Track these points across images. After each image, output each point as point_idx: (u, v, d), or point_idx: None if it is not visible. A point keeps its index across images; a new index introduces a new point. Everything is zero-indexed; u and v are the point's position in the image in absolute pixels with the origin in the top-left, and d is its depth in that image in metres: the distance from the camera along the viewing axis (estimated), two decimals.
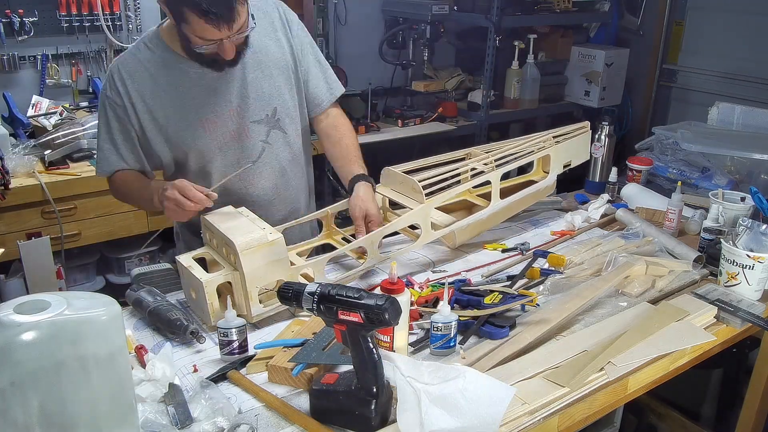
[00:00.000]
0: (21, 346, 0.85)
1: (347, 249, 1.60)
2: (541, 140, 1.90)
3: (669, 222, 1.94)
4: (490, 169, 1.76)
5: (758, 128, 2.61)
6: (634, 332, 1.38)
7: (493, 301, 1.43)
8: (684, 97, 3.83)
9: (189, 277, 1.44)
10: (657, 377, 1.36)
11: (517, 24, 3.57)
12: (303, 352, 1.27)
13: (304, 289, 1.12)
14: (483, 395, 1.09)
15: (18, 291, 2.47)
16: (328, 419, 1.14)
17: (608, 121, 2.25)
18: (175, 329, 1.38)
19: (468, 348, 1.35)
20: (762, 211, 1.74)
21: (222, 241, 1.44)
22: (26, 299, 0.92)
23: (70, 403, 0.90)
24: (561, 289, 1.57)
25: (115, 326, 0.95)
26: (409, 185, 1.66)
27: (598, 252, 1.73)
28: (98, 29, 2.93)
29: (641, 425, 2.25)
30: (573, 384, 1.22)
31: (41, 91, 2.89)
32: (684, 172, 2.42)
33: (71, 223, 2.53)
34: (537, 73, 3.65)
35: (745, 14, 3.43)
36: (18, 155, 2.47)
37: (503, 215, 1.88)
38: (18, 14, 2.74)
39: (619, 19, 3.97)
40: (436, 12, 3.25)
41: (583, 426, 1.26)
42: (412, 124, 3.33)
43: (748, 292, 1.58)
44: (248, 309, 1.41)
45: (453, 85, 3.65)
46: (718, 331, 1.47)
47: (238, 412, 1.16)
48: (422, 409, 1.07)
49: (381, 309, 1.05)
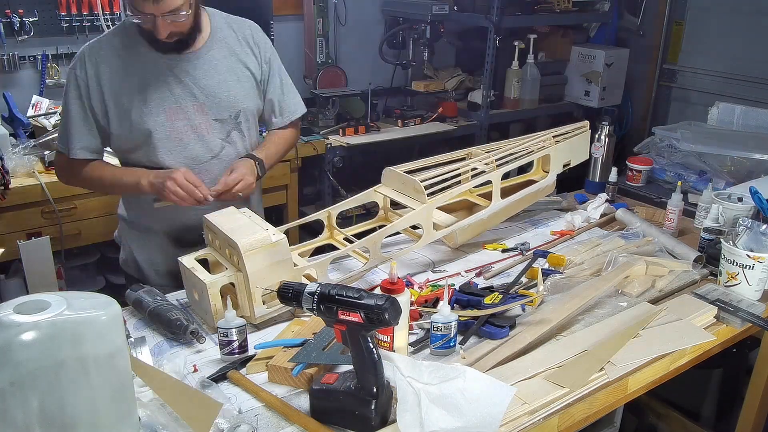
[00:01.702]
0: (21, 346, 0.85)
1: (349, 249, 1.60)
2: (541, 140, 1.90)
3: (669, 222, 1.94)
4: (491, 169, 1.76)
5: (758, 128, 2.61)
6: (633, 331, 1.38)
7: (493, 301, 1.43)
8: (684, 97, 3.83)
9: (192, 279, 1.44)
10: (657, 377, 1.36)
11: (517, 24, 3.56)
12: (303, 352, 1.27)
13: (304, 289, 1.12)
14: (483, 395, 1.09)
15: (18, 291, 2.47)
16: (328, 419, 1.14)
17: (608, 121, 2.25)
18: (175, 329, 1.38)
19: (468, 348, 1.35)
20: (762, 211, 1.74)
21: (225, 242, 1.43)
22: (26, 299, 0.92)
23: (70, 403, 0.90)
24: (561, 289, 1.57)
25: (115, 326, 0.95)
26: (411, 185, 1.66)
27: (598, 252, 1.73)
28: (98, 29, 2.92)
29: (641, 425, 2.25)
30: (573, 384, 1.22)
31: (41, 91, 2.88)
32: (681, 174, 2.43)
33: (71, 223, 2.53)
34: (537, 73, 3.65)
35: (745, 14, 3.42)
36: (18, 155, 2.47)
37: (504, 215, 1.88)
38: (18, 14, 2.74)
39: (619, 19, 3.97)
40: (436, 12, 3.25)
41: (583, 426, 1.27)
42: (412, 124, 3.33)
43: (748, 292, 1.58)
44: (251, 310, 1.41)
45: (453, 85, 3.65)
46: (718, 331, 1.47)
47: (238, 412, 1.16)
48: (422, 409, 1.07)
49: (381, 309, 1.05)
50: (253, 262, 1.37)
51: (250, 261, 1.36)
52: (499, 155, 1.78)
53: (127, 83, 1.64)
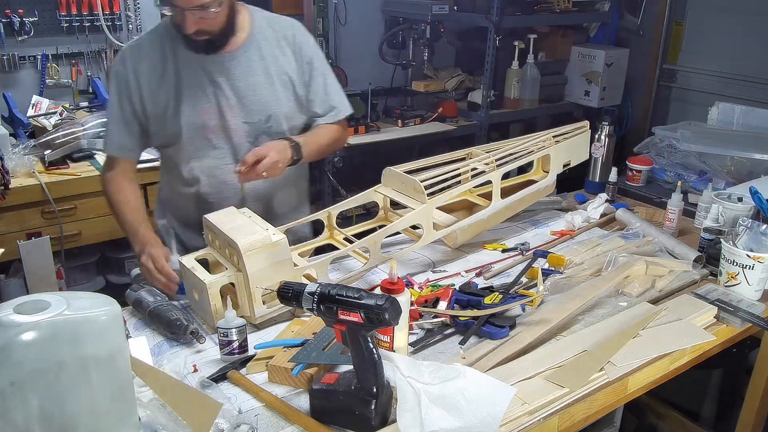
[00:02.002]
0: (21, 346, 0.85)
1: (349, 250, 1.60)
2: (541, 140, 1.90)
3: (669, 222, 1.94)
4: (490, 168, 1.76)
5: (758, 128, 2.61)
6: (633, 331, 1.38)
7: (493, 301, 1.43)
8: (684, 97, 3.83)
9: (192, 279, 1.44)
10: (657, 377, 1.36)
11: (517, 24, 3.56)
12: (303, 352, 1.27)
13: (304, 289, 1.12)
14: (483, 395, 1.09)
15: (18, 291, 2.47)
16: (328, 419, 1.14)
17: (608, 121, 2.25)
18: (175, 329, 1.38)
19: (468, 348, 1.35)
20: (762, 211, 1.74)
21: (225, 242, 1.43)
22: (26, 299, 0.92)
23: (70, 403, 0.90)
24: (561, 289, 1.57)
25: (115, 326, 0.95)
26: (411, 185, 1.66)
27: (598, 252, 1.73)
28: (98, 29, 2.93)
29: (641, 425, 2.25)
30: (573, 384, 1.22)
31: (41, 91, 2.89)
32: (681, 174, 2.42)
33: (71, 223, 2.53)
34: (537, 73, 3.65)
35: (745, 14, 3.42)
36: (18, 155, 2.47)
37: (504, 215, 1.88)
38: (18, 14, 2.74)
39: (619, 19, 3.96)
40: (436, 12, 3.25)
41: (583, 426, 1.26)
42: (412, 124, 3.33)
43: (748, 292, 1.58)
44: (251, 310, 1.41)
45: (453, 85, 3.65)
46: (718, 331, 1.47)
47: (238, 412, 1.16)
48: (422, 409, 1.07)
49: (381, 309, 1.05)
50: (253, 261, 1.37)
51: (250, 261, 1.36)
52: (499, 155, 1.78)
53: (164, 81, 1.65)
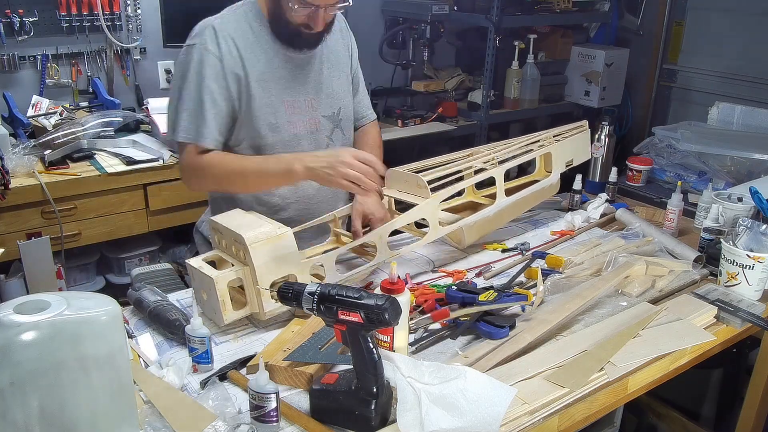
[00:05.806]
0: (21, 346, 0.85)
1: (355, 244, 1.60)
2: (542, 140, 1.90)
3: (669, 222, 1.94)
4: (492, 166, 1.76)
5: (758, 128, 2.61)
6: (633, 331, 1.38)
7: (487, 298, 1.43)
8: (684, 97, 3.83)
9: (199, 278, 1.43)
10: (657, 377, 1.36)
11: (517, 24, 3.56)
12: (299, 352, 1.27)
13: (304, 289, 1.12)
14: (483, 395, 1.09)
15: (18, 291, 2.46)
16: (328, 419, 1.14)
17: (608, 121, 2.25)
18: (175, 329, 1.38)
19: (468, 348, 1.35)
20: (762, 211, 1.74)
21: (231, 240, 1.43)
22: (26, 299, 0.92)
23: (70, 403, 0.90)
24: (561, 289, 1.57)
25: (115, 326, 0.95)
26: (414, 182, 1.66)
27: (598, 252, 1.73)
28: (98, 29, 2.92)
29: (641, 425, 2.25)
30: (573, 384, 1.22)
31: (41, 91, 2.88)
32: (681, 175, 2.43)
33: (71, 223, 2.53)
34: (537, 73, 3.65)
35: (745, 14, 3.42)
36: (18, 155, 2.47)
37: (509, 214, 1.88)
38: (18, 14, 2.73)
39: (619, 19, 3.97)
40: (436, 12, 3.25)
41: (583, 426, 1.26)
42: (412, 124, 3.33)
43: (748, 292, 1.58)
44: (260, 306, 1.40)
45: (453, 85, 3.65)
46: (718, 331, 1.47)
47: (238, 412, 1.16)
48: (422, 410, 1.07)
49: (381, 309, 1.05)
50: (259, 254, 1.36)
51: (257, 253, 1.36)
52: (500, 150, 1.79)
53: (255, 67, 1.53)
